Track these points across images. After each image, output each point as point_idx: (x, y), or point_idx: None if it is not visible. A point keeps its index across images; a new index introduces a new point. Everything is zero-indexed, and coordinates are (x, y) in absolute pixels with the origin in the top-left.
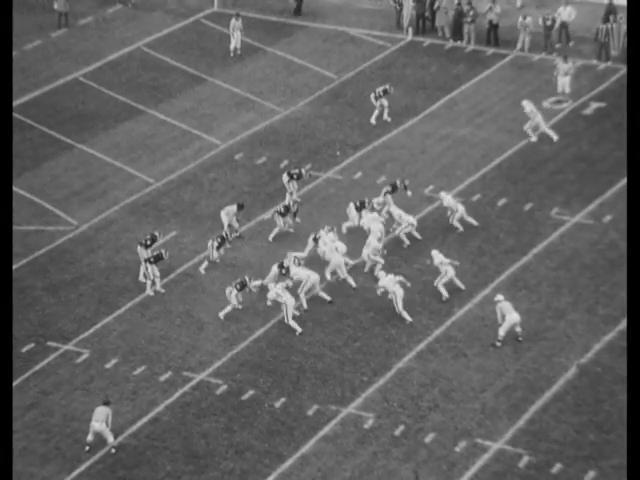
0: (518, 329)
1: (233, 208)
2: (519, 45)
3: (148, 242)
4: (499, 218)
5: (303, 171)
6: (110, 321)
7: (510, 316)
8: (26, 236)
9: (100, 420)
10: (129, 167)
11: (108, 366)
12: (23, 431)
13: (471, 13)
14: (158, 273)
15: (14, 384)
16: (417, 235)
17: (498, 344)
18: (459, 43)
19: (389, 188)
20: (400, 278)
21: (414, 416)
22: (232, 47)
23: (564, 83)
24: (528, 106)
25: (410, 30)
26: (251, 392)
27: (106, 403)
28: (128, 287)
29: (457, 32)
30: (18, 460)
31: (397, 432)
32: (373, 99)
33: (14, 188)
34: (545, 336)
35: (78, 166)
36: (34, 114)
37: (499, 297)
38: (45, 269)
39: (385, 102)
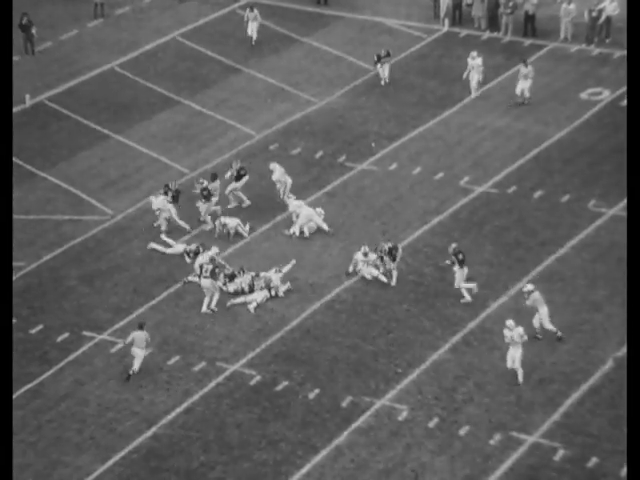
0: (549, 326)
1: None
2: (562, 34)
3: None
4: (535, 210)
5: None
6: (145, 311)
7: (542, 309)
8: (61, 225)
9: (142, 346)
10: (164, 157)
11: None
12: (58, 420)
13: (510, 4)
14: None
15: (49, 373)
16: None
17: (540, 337)
18: (496, 34)
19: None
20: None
21: (448, 408)
22: (249, 35)
23: (524, 87)
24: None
25: (446, 21)
26: (285, 383)
27: (141, 326)
28: (163, 277)
29: (493, 23)
30: (53, 449)
31: (431, 424)
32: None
33: (51, 177)
34: (581, 329)
35: (114, 156)
36: (70, 104)
37: (529, 287)
38: (80, 259)
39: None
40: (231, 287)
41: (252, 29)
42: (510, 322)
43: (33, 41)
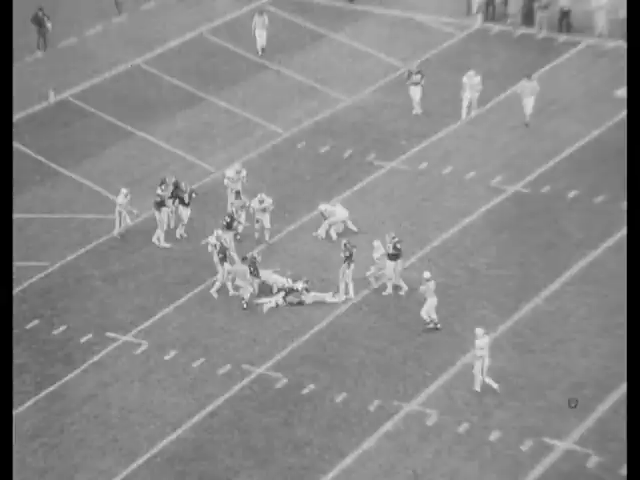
0: (434, 316)
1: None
2: (598, 29)
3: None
4: (569, 210)
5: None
6: (169, 312)
7: (431, 300)
8: (86, 224)
9: (244, 278)
10: (190, 155)
11: (167, 358)
12: (80, 423)
13: (544, 0)
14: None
15: (73, 374)
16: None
17: (430, 326)
18: (530, 30)
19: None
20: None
21: (478, 413)
22: (258, 46)
23: (528, 103)
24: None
25: (479, 17)
26: (311, 386)
27: (244, 259)
28: (188, 278)
29: (528, 18)
30: (76, 452)
31: (461, 429)
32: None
33: (75, 176)
34: (615, 332)
35: (139, 154)
36: (95, 101)
37: (427, 275)
38: (104, 258)
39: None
40: (263, 275)
41: (260, 36)
42: (479, 330)
43: (46, 36)
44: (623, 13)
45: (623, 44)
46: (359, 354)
